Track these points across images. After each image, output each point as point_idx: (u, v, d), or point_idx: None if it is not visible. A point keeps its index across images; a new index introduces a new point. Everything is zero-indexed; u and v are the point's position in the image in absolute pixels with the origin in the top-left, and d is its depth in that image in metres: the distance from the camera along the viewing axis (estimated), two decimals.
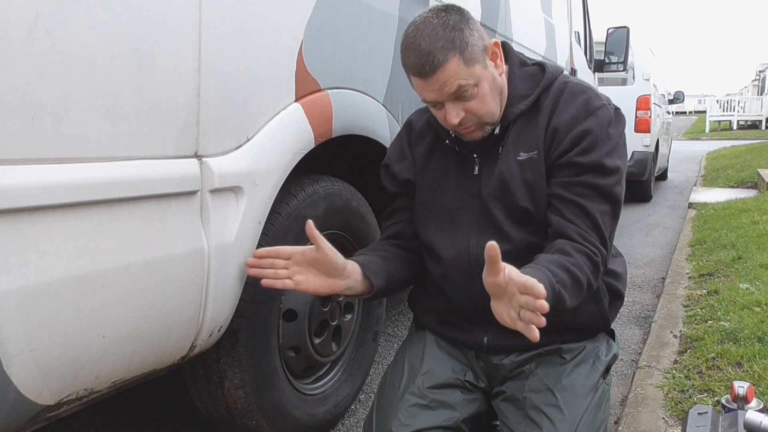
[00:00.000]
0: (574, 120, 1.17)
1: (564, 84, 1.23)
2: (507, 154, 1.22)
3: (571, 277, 1.08)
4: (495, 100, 1.19)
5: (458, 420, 1.25)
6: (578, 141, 1.16)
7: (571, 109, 1.19)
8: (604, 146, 1.16)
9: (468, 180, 1.26)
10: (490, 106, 1.18)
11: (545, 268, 1.05)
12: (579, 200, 1.16)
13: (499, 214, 1.22)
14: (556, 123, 1.18)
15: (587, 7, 5.10)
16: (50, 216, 1.00)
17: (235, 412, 1.61)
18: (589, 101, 1.19)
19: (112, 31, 1.09)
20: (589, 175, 1.16)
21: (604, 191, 1.16)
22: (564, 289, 1.05)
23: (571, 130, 1.17)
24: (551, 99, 1.21)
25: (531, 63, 1.28)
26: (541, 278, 0.99)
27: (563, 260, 1.10)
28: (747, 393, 1.22)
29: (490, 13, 2.73)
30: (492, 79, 1.18)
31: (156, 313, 1.22)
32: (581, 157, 1.16)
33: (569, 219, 1.16)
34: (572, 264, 1.10)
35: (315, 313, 1.78)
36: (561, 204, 1.17)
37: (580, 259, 1.12)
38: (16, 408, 1.03)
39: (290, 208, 1.64)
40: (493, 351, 1.28)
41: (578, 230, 1.15)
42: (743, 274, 3.31)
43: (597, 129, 1.16)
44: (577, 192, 1.16)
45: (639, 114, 6.74)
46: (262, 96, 1.45)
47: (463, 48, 1.12)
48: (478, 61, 1.15)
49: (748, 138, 19.59)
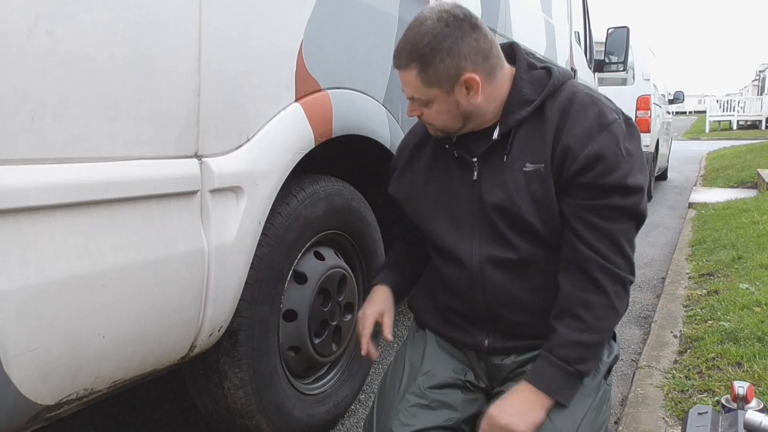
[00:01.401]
0: (587, 136, 1.13)
1: (573, 94, 1.18)
2: (513, 163, 1.19)
3: (585, 347, 1.15)
4: (453, 119, 1.19)
5: (459, 420, 1.25)
6: (596, 162, 1.12)
7: (583, 123, 1.14)
8: (625, 164, 1.12)
9: (468, 185, 1.24)
10: (444, 122, 1.20)
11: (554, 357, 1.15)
12: (602, 224, 1.14)
13: (501, 224, 1.20)
14: (568, 140, 1.14)
15: (587, 7, 5.10)
16: (50, 216, 1.00)
17: (235, 412, 1.61)
18: (601, 115, 1.14)
19: (112, 31, 1.09)
20: (614, 197, 1.13)
21: (630, 211, 1.14)
22: (581, 363, 1.14)
23: (585, 146, 1.12)
24: (558, 108, 1.17)
25: (540, 66, 1.24)
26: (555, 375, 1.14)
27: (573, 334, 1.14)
28: (747, 393, 1.22)
29: (490, 13, 2.73)
30: (454, 104, 1.16)
31: (156, 313, 1.22)
32: (603, 179, 1.12)
33: (592, 246, 1.14)
34: (585, 331, 1.15)
35: (315, 313, 1.77)
36: (584, 228, 1.15)
37: (591, 318, 1.14)
38: (16, 408, 1.03)
39: (290, 208, 1.64)
40: (494, 352, 1.28)
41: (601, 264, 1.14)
42: (743, 274, 3.31)
43: (614, 147, 1.12)
44: (602, 215, 1.14)
45: (639, 114, 6.74)
46: (262, 96, 1.45)
47: (425, 68, 1.12)
48: (439, 86, 1.13)
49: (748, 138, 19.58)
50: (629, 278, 1.17)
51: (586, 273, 1.15)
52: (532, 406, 1.13)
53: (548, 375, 1.15)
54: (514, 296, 1.22)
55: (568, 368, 1.14)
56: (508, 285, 1.21)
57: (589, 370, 1.17)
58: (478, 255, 1.22)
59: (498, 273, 1.21)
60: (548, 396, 1.14)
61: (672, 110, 10.01)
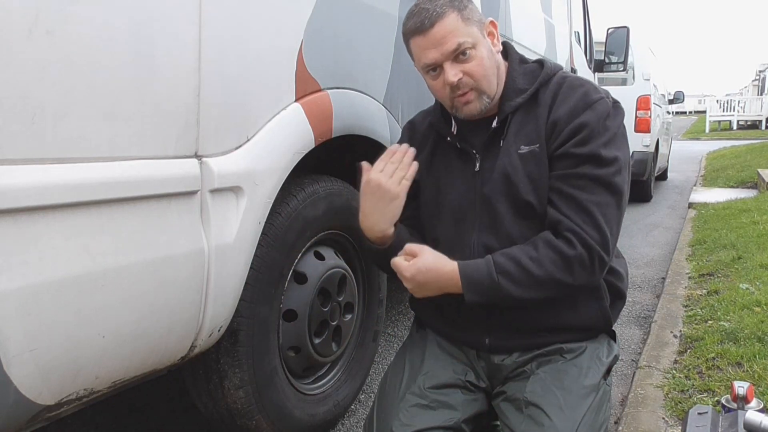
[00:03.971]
0: (572, 112, 1.19)
1: (563, 78, 1.25)
2: (508, 147, 1.23)
3: (521, 269, 1.15)
4: (492, 70, 1.22)
5: (459, 420, 1.24)
6: (575, 133, 1.17)
7: (569, 102, 1.20)
8: (601, 137, 1.17)
9: (470, 177, 1.27)
10: (488, 71, 1.21)
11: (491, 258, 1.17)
12: (575, 193, 1.16)
13: (503, 209, 1.22)
14: (555, 116, 1.20)
15: (587, 7, 5.10)
16: (50, 216, 1.00)
17: (235, 412, 1.61)
18: (587, 94, 1.21)
19: (112, 31, 1.09)
20: (586, 166, 1.16)
21: (603, 181, 1.16)
22: (506, 277, 1.14)
23: (570, 122, 1.18)
24: (550, 93, 1.23)
25: (531, 61, 1.31)
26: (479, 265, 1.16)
27: (520, 254, 1.16)
28: (747, 393, 1.22)
29: (490, 13, 2.73)
30: (489, 49, 1.22)
31: (156, 313, 1.22)
32: (578, 149, 1.17)
33: (564, 213, 1.16)
34: (531, 258, 1.15)
35: (315, 313, 1.77)
36: (558, 198, 1.18)
37: (543, 254, 1.15)
38: (16, 408, 1.03)
39: (290, 208, 1.64)
40: (494, 351, 1.28)
41: (570, 225, 1.15)
42: (743, 274, 3.31)
43: (594, 121, 1.17)
44: (574, 184, 1.17)
45: (639, 114, 6.74)
46: (262, 96, 1.45)
47: (461, 8, 1.18)
48: (476, 24, 1.20)
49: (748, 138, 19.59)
50: (599, 251, 1.15)
51: (558, 233, 1.17)
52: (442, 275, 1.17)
53: (474, 265, 1.17)
54: None
55: (493, 272, 1.15)
56: None
57: (508, 292, 1.15)
58: (476, 247, 1.24)
59: None
60: (460, 277, 1.16)
61: (672, 110, 10.01)
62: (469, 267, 1.17)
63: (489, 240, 1.23)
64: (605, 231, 1.15)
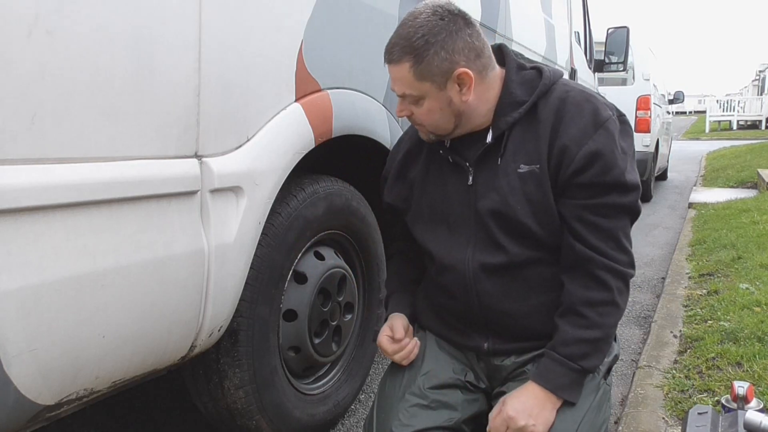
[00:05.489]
0: (583, 135, 1.13)
1: (565, 93, 1.18)
2: (506, 166, 1.18)
3: (589, 344, 1.16)
4: (445, 118, 1.18)
5: (459, 420, 1.24)
6: (593, 160, 1.12)
7: (578, 123, 1.14)
8: (622, 162, 1.14)
9: (463, 190, 1.23)
10: (435, 121, 1.18)
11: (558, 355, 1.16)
12: (602, 222, 1.15)
13: (496, 229, 1.19)
14: (564, 140, 1.14)
15: (587, 7, 5.10)
16: (50, 216, 1.00)
17: (235, 412, 1.61)
18: (596, 113, 1.14)
19: (113, 31, 1.09)
20: (613, 195, 1.14)
21: (628, 208, 1.16)
22: (585, 359, 1.15)
23: (582, 146, 1.12)
24: (552, 109, 1.16)
25: (529, 66, 1.23)
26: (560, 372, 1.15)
27: (576, 330, 1.16)
28: (747, 393, 1.22)
29: (490, 13, 2.73)
30: (446, 102, 1.15)
31: (156, 313, 1.22)
32: (601, 177, 1.13)
33: (593, 246, 1.15)
34: (588, 327, 1.15)
35: (315, 313, 1.77)
36: (583, 228, 1.15)
37: (593, 315, 1.15)
38: (16, 408, 1.03)
39: (290, 208, 1.63)
40: (494, 354, 1.28)
41: (603, 263, 1.15)
42: (743, 274, 3.31)
43: (610, 146, 1.13)
44: (600, 213, 1.15)
45: (639, 114, 6.74)
46: (262, 96, 1.45)
47: (419, 61, 1.11)
48: (432, 80, 1.12)
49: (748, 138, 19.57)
50: (630, 272, 1.18)
51: (589, 272, 1.16)
52: (544, 405, 1.14)
53: (554, 373, 1.15)
54: (511, 301, 1.22)
55: (572, 365, 1.15)
56: (503, 291, 1.21)
57: (593, 366, 1.17)
58: (471, 263, 1.22)
59: (491, 280, 1.21)
60: (556, 395, 1.15)
61: (672, 110, 10.01)
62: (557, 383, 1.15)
63: (484, 257, 1.21)
64: (629, 250, 1.18)
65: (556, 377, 1.15)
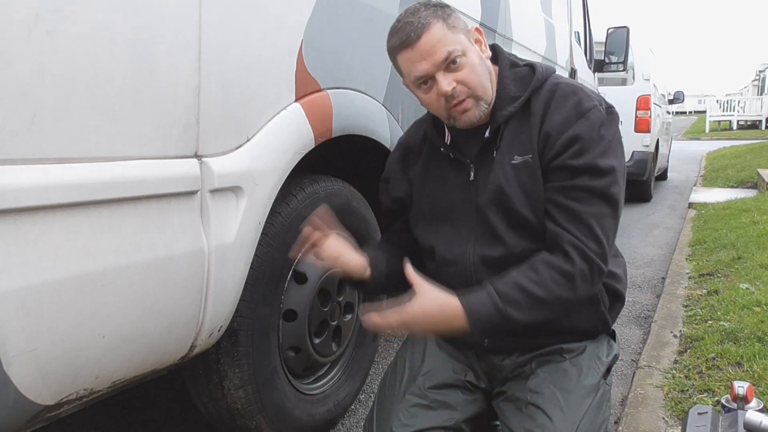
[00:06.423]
0: (565, 123, 1.16)
1: (555, 86, 1.21)
2: (501, 158, 1.21)
3: (526, 295, 1.12)
4: (485, 75, 1.20)
5: (459, 420, 1.24)
6: (569, 144, 1.15)
7: (562, 112, 1.17)
8: (597, 147, 1.15)
9: (464, 187, 1.25)
10: (481, 77, 1.18)
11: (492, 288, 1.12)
12: (573, 205, 1.15)
13: (497, 221, 1.20)
14: (548, 127, 1.17)
15: (587, 7, 5.10)
16: (50, 216, 1.00)
17: (235, 412, 1.61)
18: (579, 103, 1.17)
19: (113, 30, 1.09)
20: (584, 178, 1.14)
21: (600, 192, 1.15)
22: (513, 306, 1.11)
23: (563, 132, 1.15)
24: (542, 101, 1.20)
25: (522, 64, 1.27)
26: (483, 300, 1.11)
27: (522, 278, 1.13)
28: (747, 393, 1.22)
29: (490, 13, 2.73)
30: (478, 55, 1.20)
31: (156, 313, 1.22)
32: (574, 160, 1.14)
33: (563, 227, 1.14)
34: (533, 282, 1.12)
35: (315, 313, 1.78)
36: (556, 210, 1.16)
37: (545, 275, 1.12)
38: (16, 408, 1.03)
39: (290, 208, 1.64)
40: (494, 352, 1.28)
41: (571, 239, 1.13)
42: (743, 274, 3.31)
43: (588, 131, 1.15)
44: (572, 196, 1.15)
45: (639, 114, 6.73)
46: (262, 96, 1.45)
47: (445, 17, 1.16)
48: (462, 32, 1.18)
49: (748, 138, 19.58)
50: (598, 263, 1.14)
51: (558, 244, 1.14)
52: (446, 317, 1.12)
53: (478, 299, 1.12)
54: None
55: (498, 303, 1.11)
56: None
57: (517, 320, 1.12)
58: (472, 257, 1.23)
59: (491, 273, 1.21)
60: (466, 316, 1.11)
61: (672, 110, 10.01)
62: (473, 303, 1.12)
63: (485, 251, 1.22)
64: (603, 242, 1.15)
65: (478, 303, 1.11)
